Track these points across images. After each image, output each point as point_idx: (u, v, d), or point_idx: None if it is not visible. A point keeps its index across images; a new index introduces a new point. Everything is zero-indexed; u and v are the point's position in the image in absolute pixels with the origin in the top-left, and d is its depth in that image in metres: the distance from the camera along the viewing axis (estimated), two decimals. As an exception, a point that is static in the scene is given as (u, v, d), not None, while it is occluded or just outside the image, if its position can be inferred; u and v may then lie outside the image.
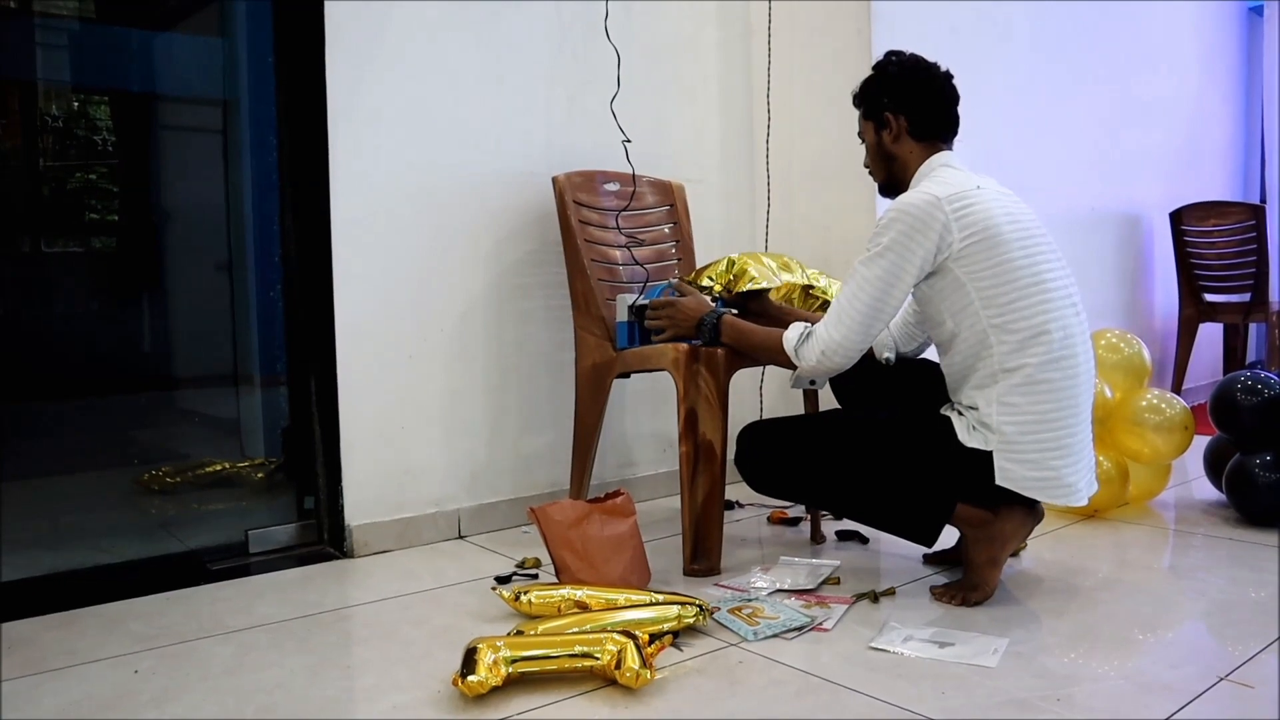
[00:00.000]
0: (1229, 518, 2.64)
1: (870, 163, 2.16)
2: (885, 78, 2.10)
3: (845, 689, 1.56)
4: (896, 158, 2.09)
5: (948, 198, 1.92)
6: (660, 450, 3.06)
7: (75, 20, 3.63)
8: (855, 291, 1.95)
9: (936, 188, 1.95)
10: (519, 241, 2.72)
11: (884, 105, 2.08)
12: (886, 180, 2.14)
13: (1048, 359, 1.89)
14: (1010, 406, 1.90)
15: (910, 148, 2.07)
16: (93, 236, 3.88)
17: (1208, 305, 4.67)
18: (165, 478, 3.01)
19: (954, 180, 1.97)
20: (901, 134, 2.07)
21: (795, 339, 2.04)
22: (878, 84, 2.10)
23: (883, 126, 2.09)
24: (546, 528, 2.00)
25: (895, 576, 2.16)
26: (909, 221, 1.91)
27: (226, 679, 1.66)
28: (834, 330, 1.97)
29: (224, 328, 3.34)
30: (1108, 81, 4.27)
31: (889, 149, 2.09)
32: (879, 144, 2.10)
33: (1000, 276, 1.90)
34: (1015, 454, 1.90)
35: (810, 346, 2.01)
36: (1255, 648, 1.71)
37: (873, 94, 2.11)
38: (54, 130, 3.68)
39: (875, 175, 2.17)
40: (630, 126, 2.74)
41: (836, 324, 1.97)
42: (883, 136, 2.09)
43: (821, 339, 1.99)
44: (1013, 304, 1.90)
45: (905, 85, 2.07)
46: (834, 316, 1.98)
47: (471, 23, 2.62)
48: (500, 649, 1.56)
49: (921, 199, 1.92)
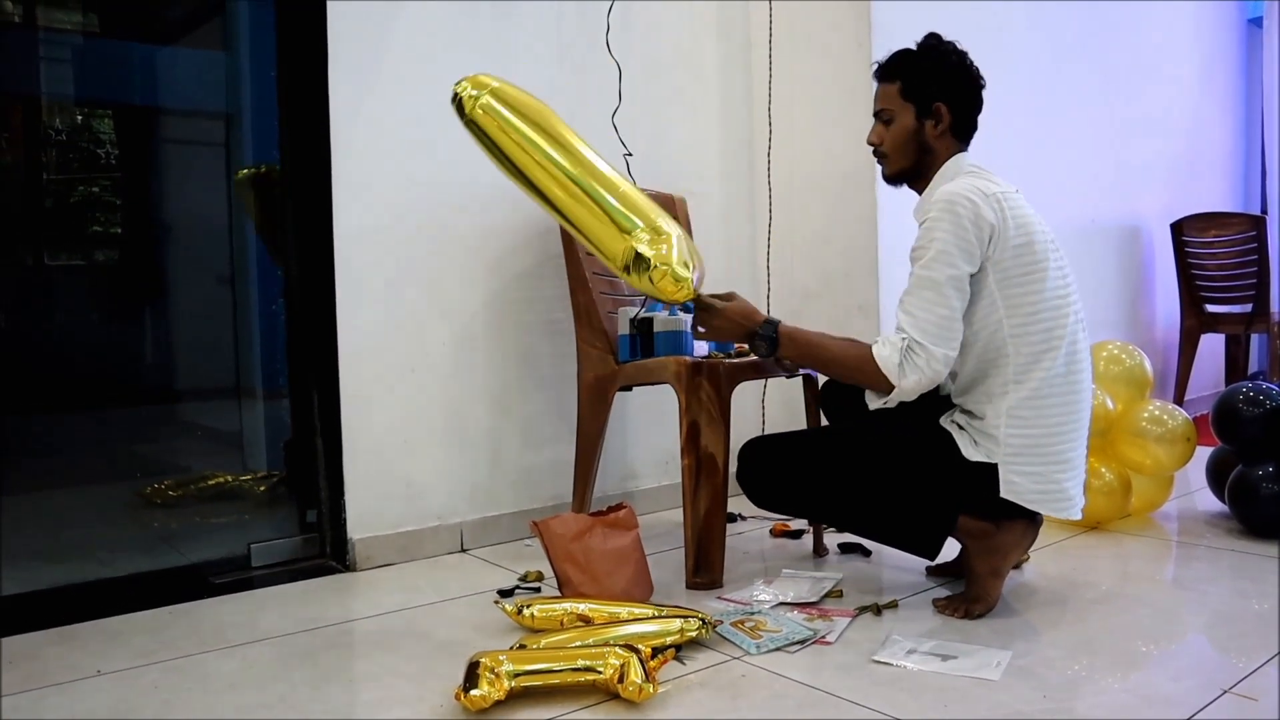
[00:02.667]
0: (1232, 529, 2.63)
1: (893, 146, 2.04)
2: (942, 65, 2.02)
3: (848, 702, 1.56)
4: (932, 150, 2.02)
5: (999, 194, 1.89)
6: (662, 463, 3.06)
7: (79, 34, 3.64)
8: (935, 298, 1.86)
9: (983, 184, 1.90)
10: (521, 255, 2.73)
11: (934, 94, 2.00)
12: (907, 170, 2.05)
13: (1057, 372, 1.90)
14: (1019, 419, 1.90)
15: (947, 143, 2.02)
16: (95, 249, 3.89)
17: (1209, 316, 4.67)
18: (167, 491, 3.01)
19: (994, 180, 1.94)
20: (945, 129, 2.01)
21: (893, 355, 1.88)
22: (931, 69, 2.01)
23: (927, 115, 2.00)
24: (549, 541, 2.00)
25: (897, 589, 2.16)
26: (967, 214, 1.86)
27: (229, 693, 1.66)
28: (935, 344, 1.85)
29: (226, 341, 3.34)
30: (1108, 93, 4.28)
31: (927, 140, 2.01)
32: (917, 131, 2.01)
33: (1030, 284, 1.89)
34: (1020, 467, 1.91)
35: (914, 363, 1.86)
36: (1259, 660, 1.71)
37: (924, 78, 2.01)
38: (57, 144, 3.69)
39: (894, 160, 2.05)
40: (631, 139, 2.74)
41: (933, 337, 1.86)
42: (924, 125, 2.01)
43: (925, 354, 1.86)
44: (1035, 314, 1.89)
45: (961, 79, 2.02)
46: (921, 329, 1.86)
47: (473, 36, 2.63)
48: (503, 663, 1.56)
49: (975, 193, 1.87)
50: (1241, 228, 4.51)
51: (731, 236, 3.25)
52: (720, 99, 3.23)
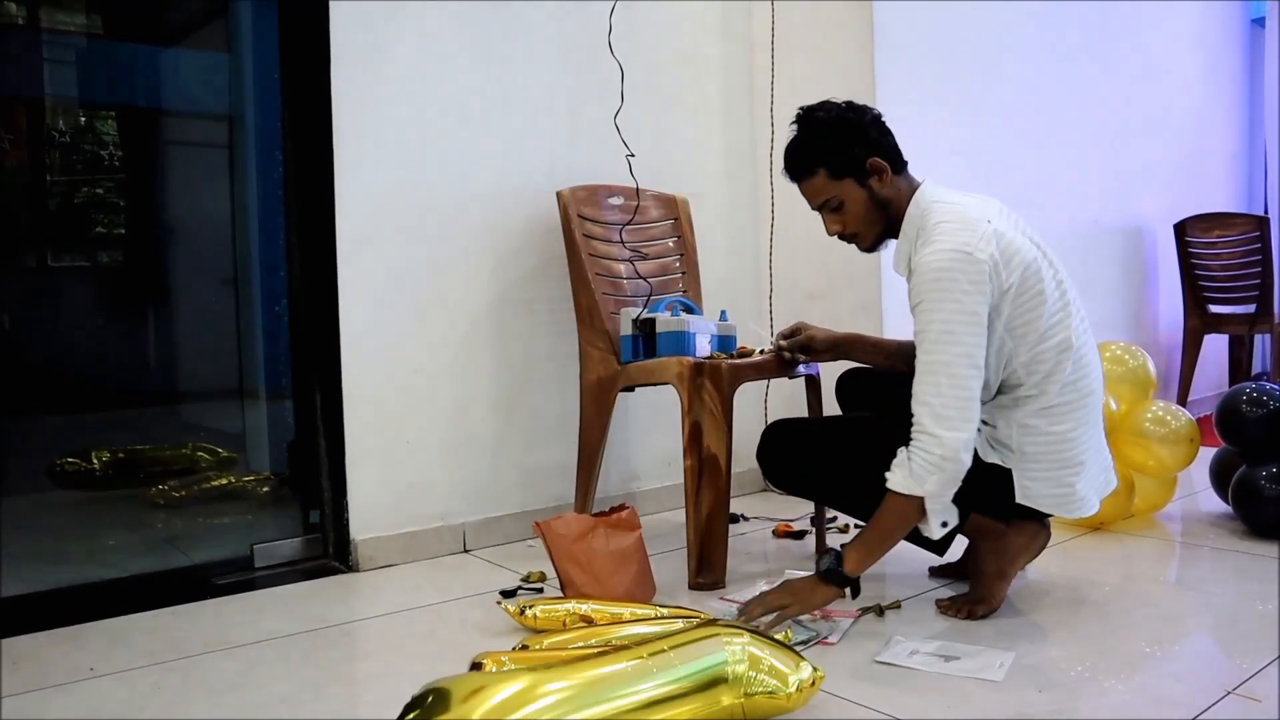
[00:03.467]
0: (1235, 530, 2.63)
1: (858, 223, 1.97)
2: (845, 125, 1.93)
3: (851, 703, 1.56)
4: (891, 201, 1.94)
5: (979, 246, 1.79)
6: (665, 464, 3.06)
7: (83, 36, 3.65)
8: (948, 382, 1.76)
9: (960, 234, 1.81)
10: (523, 256, 2.73)
11: (859, 155, 1.91)
12: (881, 234, 1.99)
13: (1065, 382, 1.89)
14: (1029, 429, 1.90)
15: (897, 185, 1.95)
16: (99, 250, 3.90)
17: (1212, 317, 4.67)
18: (171, 492, 3.01)
19: (966, 218, 1.85)
20: (889, 175, 1.93)
21: (900, 482, 1.78)
22: (839, 138, 1.93)
23: (868, 175, 1.92)
24: (551, 542, 2.00)
25: (901, 589, 2.16)
26: (962, 281, 1.77)
27: (231, 694, 1.66)
28: (950, 429, 1.75)
29: (229, 342, 3.35)
30: (1110, 94, 4.28)
31: (882, 196, 1.94)
32: (871, 195, 1.93)
33: (1033, 311, 1.85)
34: (1034, 473, 1.91)
35: (919, 470, 1.76)
36: (1263, 661, 1.70)
37: (840, 150, 1.92)
38: (61, 145, 3.70)
39: (867, 234, 1.99)
40: (634, 140, 2.74)
41: (947, 422, 1.75)
42: (872, 186, 1.93)
43: (931, 449, 1.75)
44: (1043, 337, 1.87)
45: (864, 127, 1.93)
46: (936, 416, 1.76)
47: (476, 37, 2.63)
48: (505, 664, 1.56)
49: (962, 249, 1.78)
50: (1245, 228, 4.50)
51: (734, 237, 3.25)
52: (723, 100, 3.23)
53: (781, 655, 1.44)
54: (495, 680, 1.27)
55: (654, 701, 1.32)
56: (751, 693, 1.38)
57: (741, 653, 1.40)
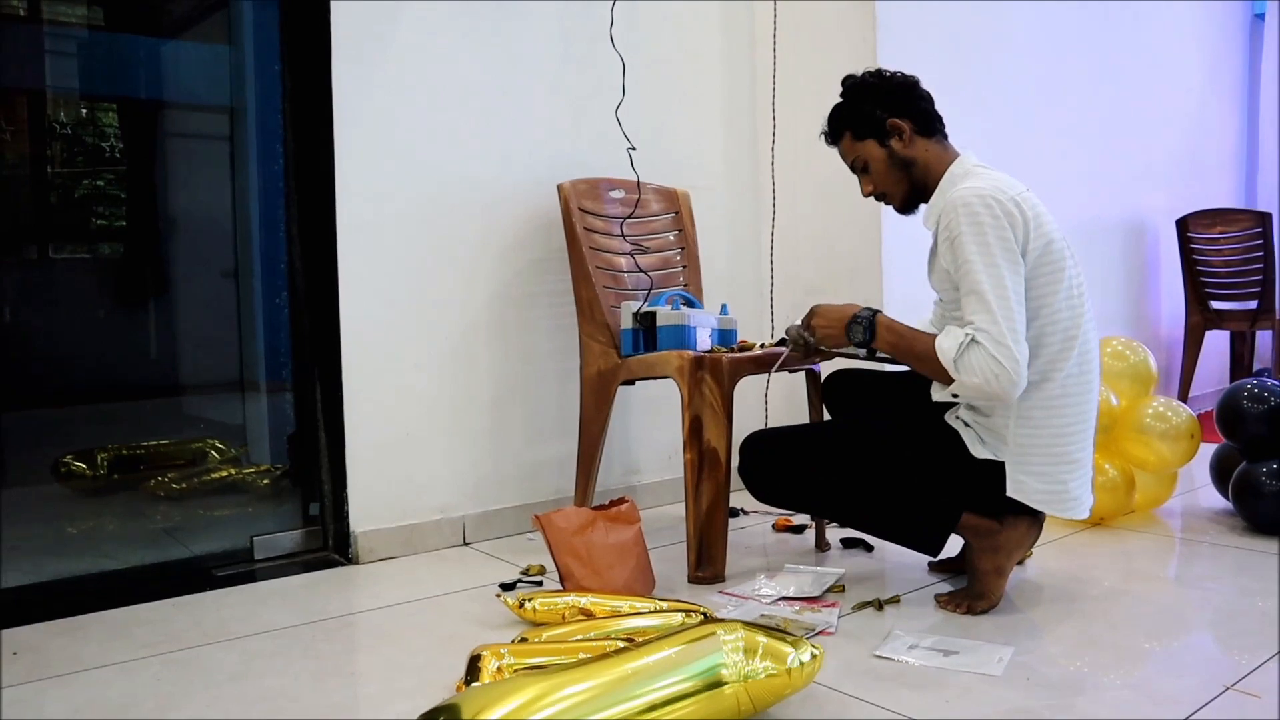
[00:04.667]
0: (1235, 526, 2.63)
1: (883, 182, 2.03)
2: (867, 90, 2.03)
3: (850, 697, 1.56)
4: (916, 160, 2.00)
5: (1016, 197, 1.84)
6: (665, 457, 3.06)
7: (84, 28, 3.65)
8: (1002, 297, 1.78)
9: (991, 183, 1.86)
10: (524, 249, 2.73)
11: (879, 115, 2.00)
12: (910, 190, 2.03)
13: (1070, 374, 1.89)
14: (1028, 420, 1.90)
15: (925, 146, 2.01)
16: (100, 243, 3.89)
17: (1214, 313, 4.66)
18: (171, 484, 3.01)
19: (999, 178, 1.90)
20: (911, 136, 2.00)
21: (952, 349, 1.81)
22: (861, 99, 2.02)
23: (888, 136, 2.00)
24: (551, 535, 2.00)
25: (900, 584, 2.16)
26: (993, 211, 1.81)
27: (231, 686, 1.66)
28: (1013, 344, 1.77)
29: (230, 334, 3.34)
30: (1112, 89, 4.27)
31: (905, 154, 2.00)
32: (891, 155, 2.00)
33: (1050, 287, 1.86)
34: (1029, 467, 1.91)
35: (977, 361, 1.78)
36: (1262, 657, 1.70)
37: (860, 111, 2.02)
38: (62, 137, 3.69)
39: (894, 193, 2.04)
40: (635, 134, 2.74)
41: (1012, 339, 1.77)
42: (892, 146, 2.00)
43: (992, 355, 1.77)
44: (1054, 318, 1.88)
45: (890, 89, 2.02)
46: (996, 331, 1.77)
47: (477, 30, 2.63)
48: (504, 656, 1.56)
49: (996, 192, 1.83)
50: (1247, 224, 4.49)
51: (735, 233, 3.24)
52: (724, 95, 3.23)
53: (779, 639, 1.46)
54: (500, 694, 1.26)
55: (655, 705, 1.32)
56: (750, 676, 1.39)
57: (736, 643, 1.40)
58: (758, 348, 2.39)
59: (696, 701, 1.35)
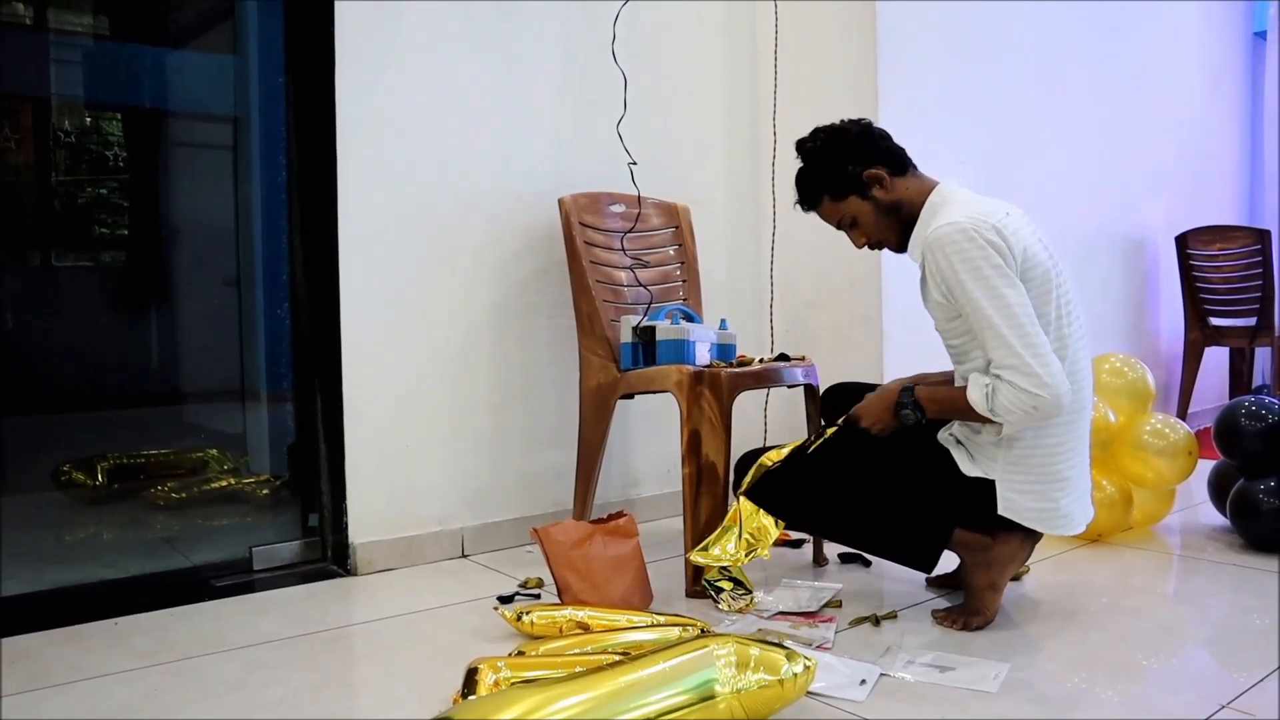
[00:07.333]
0: (1233, 543, 2.63)
1: (875, 232, 2.03)
2: (831, 149, 2.01)
3: (846, 713, 1.56)
4: (901, 202, 2.00)
5: (994, 225, 1.84)
6: (664, 471, 3.06)
7: (89, 37, 3.66)
8: (1014, 324, 1.80)
9: (973, 209, 1.87)
10: (524, 261, 2.74)
11: (853, 170, 1.99)
12: (902, 233, 2.02)
13: None
14: (1018, 440, 1.90)
15: (904, 184, 2.00)
16: (102, 251, 3.90)
17: (1213, 329, 4.67)
18: (170, 493, 3.02)
19: (983, 205, 1.90)
20: (888, 180, 1.99)
21: (981, 400, 1.84)
22: (828, 160, 2.01)
23: (869, 188, 1.99)
24: (549, 548, 2.00)
25: (897, 600, 2.16)
26: (978, 241, 1.82)
27: (229, 696, 1.67)
28: (1039, 367, 1.79)
29: (231, 344, 3.35)
30: (1113, 104, 4.29)
31: (889, 200, 1.99)
32: (877, 205, 2.00)
33: (1039, 309, 1.86)
34: (1018, 485, 1.91)
35: (1008, 400, 1.81)
36: (1258, 675, 1.71)
37: (832, 171, 2.01)
38: (66, 145, 3.70)
39: (889, 239, 2.04)
40: (636, 147, 2.75)
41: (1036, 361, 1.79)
42: (876, 196, 1.99)
43: (1020, 388, 1.79)
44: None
45: (853, 141, 2.00)
46: (1018, 362, 1.79)
47: (480, 43, 2.64)
48: (501, 669, 1.56)
49: (970, 223, 1.83)
50: (1246, 241, 4.50)
51: (735, 246, 3.25)
52: (725, 107, 3.24)
53: (771, 651, 1.47)
54: (496, 706, 1.26)
55: (649, 719, 1.32)
56: (742, 689, 1.39)
57: (730, 658, 1.41)
58: (757, 362, 2.39)
59: (690, 714, 1.35)
